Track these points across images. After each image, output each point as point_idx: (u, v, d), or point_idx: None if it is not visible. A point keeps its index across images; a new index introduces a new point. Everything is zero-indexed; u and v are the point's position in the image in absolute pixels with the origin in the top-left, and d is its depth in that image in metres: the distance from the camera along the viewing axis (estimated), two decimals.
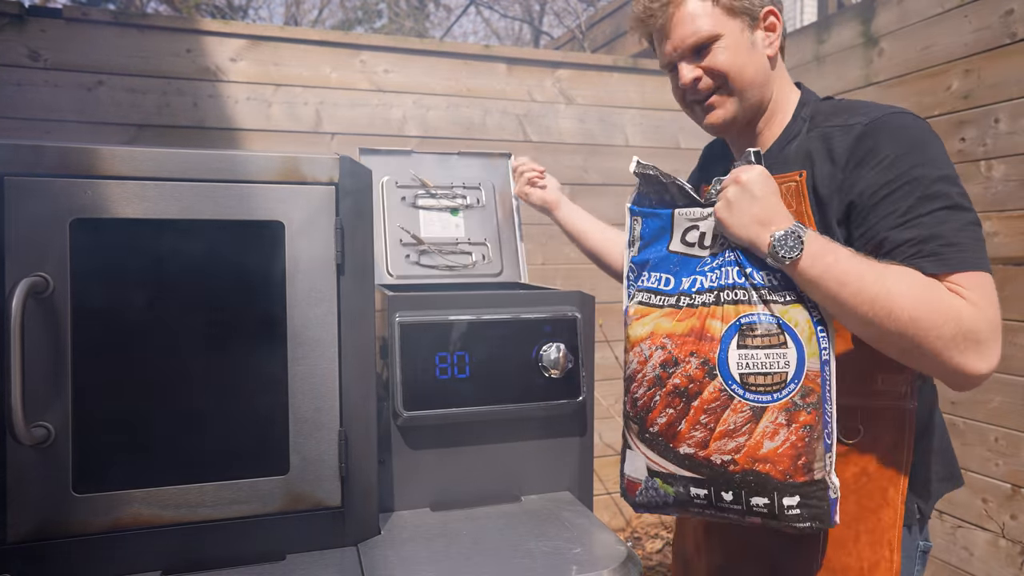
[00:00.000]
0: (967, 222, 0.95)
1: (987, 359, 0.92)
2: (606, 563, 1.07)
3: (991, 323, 0.92)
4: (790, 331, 0.95)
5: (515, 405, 1.28)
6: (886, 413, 1.01)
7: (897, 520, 1.00)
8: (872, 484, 1.02)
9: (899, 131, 0.99)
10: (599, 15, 5.01)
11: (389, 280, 1.61)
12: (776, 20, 1.11)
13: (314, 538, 1.10)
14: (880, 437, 1.01)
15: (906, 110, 1.04)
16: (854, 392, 1.01)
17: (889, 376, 1.01)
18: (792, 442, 0.94)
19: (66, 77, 2.37)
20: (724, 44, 1.08)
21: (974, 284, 0.93)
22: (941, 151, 1.00)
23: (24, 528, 0.97)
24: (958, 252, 0.93)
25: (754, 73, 1.09)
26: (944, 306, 0.90)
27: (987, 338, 0.91)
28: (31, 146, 0.97)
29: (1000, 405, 2.26)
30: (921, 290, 0.91)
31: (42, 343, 0.97)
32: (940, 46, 2.44)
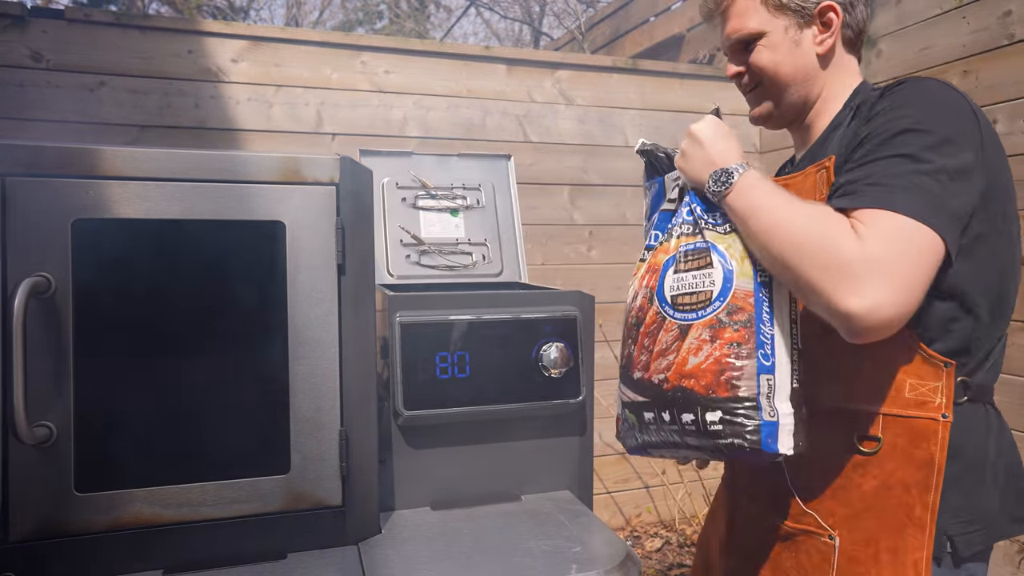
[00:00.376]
0: (916, 171, 0.88)
1: (860, 296, 0.83)
2: (605, 562, 1.08)
3: (870, 259, 0.84)
4: (718, 252, 0.98)
5: (515, 405, 1.29)
6: (914, 425, 0.93)
7: (926, 543, 0.91)
8: (895, 500, 0.94)
9: (909, 89, 0.97)
10: (599, 16, 5.02)
11: (390, 280, 1.62)
12: (835, 16, 1.06)
13: (315, 537, 1.10)
14: (906, 450, 0.93)
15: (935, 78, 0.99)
16: (876, 398, 0.95)
17: (920, 383, 0.93)
18: (716, 358, 0.94)
19: (68, 78, 2.38)
20: (766, 42, 1.08)
21: (873, 220, 0.86)
22: (942, 110, 0.93)
23: (26, 527, 0.97)
24: (876, 190, 0.88)
25: (792, 72, 1.08)
26: (828, 239, 0.86)
27: (861, 273, 0.83)
28: (33, 147, 0.98)
29: (998, 404, 2.26)
30: (814, 222, 0.88)
31: (44, 343, 0.97)
32: (938, 47, 2.45)
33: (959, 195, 0.89)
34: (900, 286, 0.84)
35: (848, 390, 0.99)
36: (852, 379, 0.98)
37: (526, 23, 9.58)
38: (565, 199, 2.99)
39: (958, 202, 0.89)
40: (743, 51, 1.11)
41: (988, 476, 0.96)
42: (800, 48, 1.07)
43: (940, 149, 0.89)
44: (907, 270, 0.84)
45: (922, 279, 0.86)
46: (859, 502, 0.96)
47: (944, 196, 0.87)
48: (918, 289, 0.85)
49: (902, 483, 0.94)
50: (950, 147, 0.89)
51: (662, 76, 3.17)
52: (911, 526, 0.92)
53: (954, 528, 0.93)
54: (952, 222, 0.88)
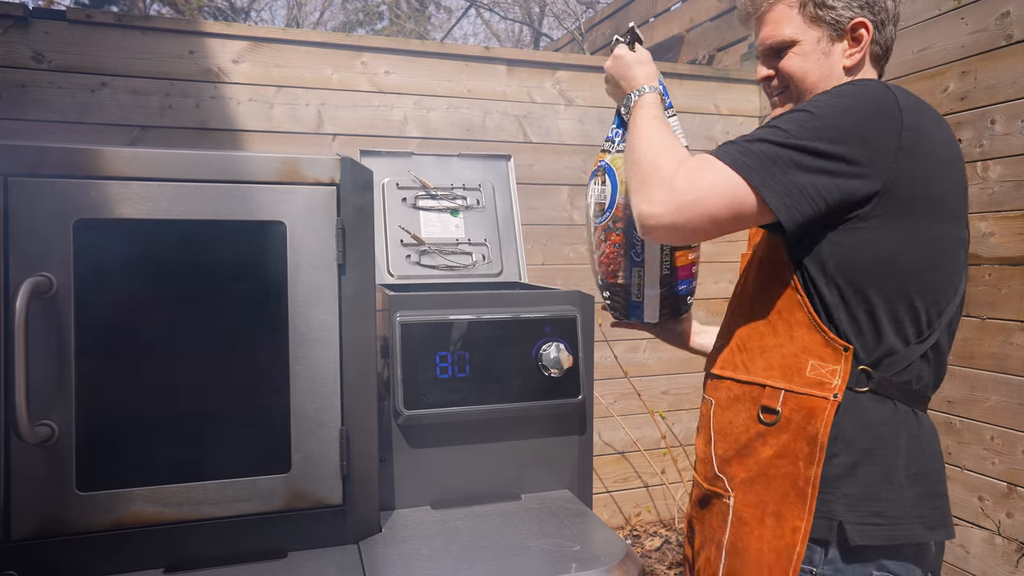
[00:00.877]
0: (763, 139, 0.98)
1: (643, 202, 1.01)
2: (605, 561, 1.08)
3: (664, 176, 1.00)
4: (610, 172, 1.27)
5: (515, 404, 1.29)
6: (809, 402, 1.01)
7: (806, 514, 0.98)
8: (784, 470, 1.02)
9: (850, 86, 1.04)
10: (598, 17, 5.02)
11: (390, 280, 1.62)
12: (865, 32, 1.11)
13: (315, 536, 1.11)
14: (800, 424, 1.01)
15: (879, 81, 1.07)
16: (782, 375, 1.04)
17: (820, 364, 1.01)
18: (607, 253, 1.28)
19: (69, 78, 2.38)
20: (798, 50, 1.13)
21: (694, 161, 1.01)
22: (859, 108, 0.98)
23: (28, 526, 0.98)
24: (720, 146, 1.02)
25: (818, 80, 1.12)
26: (654, 161, 1.03)
27: (652, 182, 1.01)
28: (35, 147, 0.98)
29: (996, 404, 2.27)
30: (659, 146, 1.06)
31: (46, 343, 0.98)
32: (937, 48, 2.45)
33: (815, 174, 0.96)
34: (681, 205, 0.98)
35: (761, 366, 1.07)
36: (766, 356, 1.06)
37: (526, 24, 9.59)
38: (565, 199, 2.99)
39: (807, 179, 0.96)
40: (774, 56, 1.16)
41: (899, 476, 0.99)
42: (829, 59, 1.12)
43: (819, 132, 0.96)
44: (694, 196, 0.98)
45: (710, 209, 0.97)
46: (756, 467, 1.04)
47: (786, 166, 0.96)
48: (703, 216, 0.98)
49: (792, 454, 1.01)
50: (834, 134, 0.96)
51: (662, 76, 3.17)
52: (794, 495, 1.00)
53: (847, 515, 0.97)
54: (784, 189, 0.96)
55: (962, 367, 2.38)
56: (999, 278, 2.26)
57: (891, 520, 0.98)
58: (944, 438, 2.45)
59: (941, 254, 1.02)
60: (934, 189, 1.00)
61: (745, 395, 1.08)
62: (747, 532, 1.03)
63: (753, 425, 1.06)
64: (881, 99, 0.99)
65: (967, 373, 2.36)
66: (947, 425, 2.44)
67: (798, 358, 1.02)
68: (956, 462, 2.41)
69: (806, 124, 0.97)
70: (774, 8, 1.14)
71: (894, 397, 1.01)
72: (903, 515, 0.98)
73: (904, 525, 0.98)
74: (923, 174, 0.99)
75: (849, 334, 1.00)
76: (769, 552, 1.01)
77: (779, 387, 1.03)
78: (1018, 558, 2.22)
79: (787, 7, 1.12)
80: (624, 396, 3.14)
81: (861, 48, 1.12)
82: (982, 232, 2.30)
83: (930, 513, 1.01)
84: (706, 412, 1.16)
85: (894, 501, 0.98)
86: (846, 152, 0.95)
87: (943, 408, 2.45)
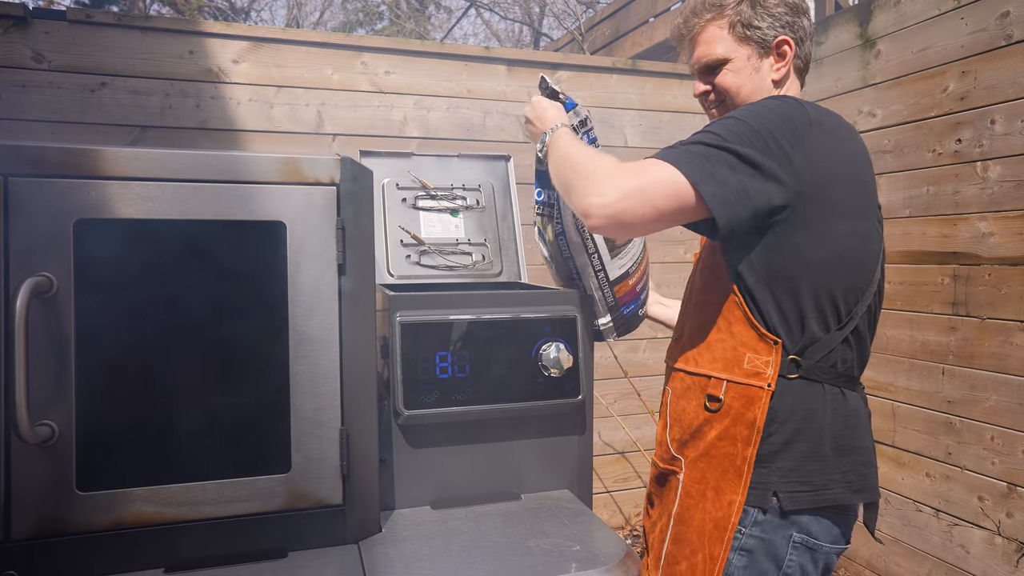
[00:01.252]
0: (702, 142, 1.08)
1: (588, 195, 1.08)
2: (605, 560, 1.08)
3: (606, 171, 1.09)
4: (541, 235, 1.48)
5: (515, 404, 1.29)
6: (748, 391, 1.13)
7: (741, 488, 1.12)
8: (725, 450, 1.14)
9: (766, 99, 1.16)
10: (598, 17, 5.02)
11: (390, 280, 1.62)
12: (788, 48, 1.24)
13: (315, 536, 1.11)
14: (739, 411, 1.14)
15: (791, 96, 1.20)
16: (725, 367, 1.16)
17: (756, 357, 1.14)
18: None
19: (70, 79, 2.38)
20: (731, 67, 1.25)
21: (637, 161, 1.10)
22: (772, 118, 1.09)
23: (28, 526, 0.98)
24: (661, 150, 1.11)
25: (750, 92, 1.24)
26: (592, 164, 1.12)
27: (596, 177, 1.09)
28: (36, 147, 0.98)
29: (996, 404, 2.27)
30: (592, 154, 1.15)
31: (46, 342, 0.98)
32: (937, 48, 2.45)
33: (745, 176, 1.06)
34: (627, 192, 1.05)
35: (708, 359, 1.19)
36: (711, 351, 1.19)
37: (526, 24, 9.59)
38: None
39: (738, 180, 1.05)
40: (709, 73, 1.28)
41: (825, 449, 1.13)
42: (759, 74, 1.25)
43: (746, 138, 1.06)
44: (638, 185, 1.06)
45: (654, 199, 1.05)
46: (702, 447, 1.17)
47: (720, 165, 1.05)
48: (647, 205, 1.06)
49: (732, 437, 1.14)
50: (758, 141, 1.07)
51: (661, 77, 3.17)
52: (732, 472, 1.14)
53: (780, 486, 1.12)
54: (719, 187, 1.05)
55: (962, 367, 2.38)
56: (999, 278, 2.26)
57: (816, 487, 1.12)
58: (944, 438, 2.45)
59: (852, 250, 1.14)
60: (839, 192, 1.12)
61: (695, 385, 1.21)
62: (692, 504, 1.17)
63: (701, 412, 1.19)
64: (795, 112, 1.11)
65: (967, 373, 2.36)
66: (947, 425, 2.44)
67: (737, 352, 1.15)
68: (956, 462, 2.41)
69: (735, 129, 1.08)
70: (705, 30, 1.26)
71: (822, 380, 1.14)
72: (828, 482, 1.12)
73: (828, 490, 1.12)
74: (829, 179, 1.11)
75: (779, 329, 1.13)
76: (709, 521, 1.15)
77: (722, 378, 1.16)
78: (1018, 558, 2.22)
79: (717, 28, 1.25)
80: (624, 396, 3.14)
81: (786, 63, 1.25)
82: (982, 232, 2.30)
83: (855, 479, 1.15)
84: (665, 400, 1.29)
85: (820, 471, 1.12)
86: (767, 159, 1.06)
87: (943, 408, 2.45)
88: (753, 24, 1.23)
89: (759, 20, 1.22)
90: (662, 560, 1.21)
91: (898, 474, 2.64)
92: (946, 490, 2.45)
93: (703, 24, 1.25)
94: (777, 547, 1.12)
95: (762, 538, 1.12)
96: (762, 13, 1.22)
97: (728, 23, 1.24)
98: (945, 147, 2.43)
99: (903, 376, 2.61)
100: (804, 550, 1.13)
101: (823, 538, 1.14)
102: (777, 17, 1.23)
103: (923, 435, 2.53)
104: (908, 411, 2.59)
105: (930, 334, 2.50)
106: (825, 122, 1.13)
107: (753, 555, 1.13)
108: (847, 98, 2.82)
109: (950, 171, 2.41)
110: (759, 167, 1.06)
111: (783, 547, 1.12)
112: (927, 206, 2.50)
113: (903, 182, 2.59)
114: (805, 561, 1.14)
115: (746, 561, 1.13)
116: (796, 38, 1.25)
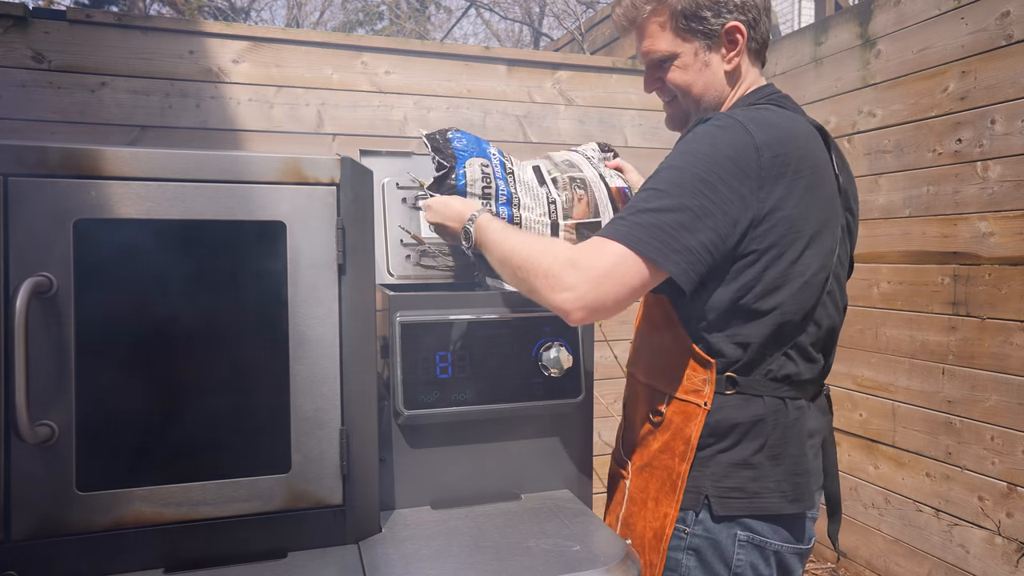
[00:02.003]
0: (651, 208, 1.02)
1: (557, 291, 1.04)
2: (605, 561, 1.08)
3: (563, 260, 1.04)
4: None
5: (515, 404, 1.29)
6: (687, 407, 1.14)
7: (675, 501, 1.13)
8: (665, 462, 1.16)
9: (697, 129, 1.08)
10: (598, 17, 5.02)
11: (390, 280, 1.62)
12: (740, 35, 1.15)
13: (315, 536, 1.11)
14: (679, 425, 1.14)
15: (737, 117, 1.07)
16: (669, 382, 1.16)
17: (694, 374, 1.13)
18: None
19: (70, 79, 2.38)
20: (679, 63, 1.17)
21: (588, 243, 1.06)
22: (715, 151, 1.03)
23: (28, 526, 0.98)
24: (609, 225, 1.06)
25: (703, 88, 1.18)
26: (543, 257, 1.07)
27: (556, 272, 1.04)
28: (35, 147, 0.98)
29: (996, 404, 2.27)
30: (536, 247, 1.10)
31: (46, 343, 0.98)
32: (937, 48, 2.45)
33: (700, 232, 1.01)
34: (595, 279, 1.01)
35: (656, 374, 1.19)
36: (660, 366, 1.18)
37: (526, 24, 9.59)
38: None
39: (695, 240, 1.01)
40: (658, 68, 1.20)
41: (759, 458, 1.12)
42: (710, 68, 1.17)
43: (691, 188, 1.01)
44: (604, 270, 1.01)
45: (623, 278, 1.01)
46: (647, 457, 1.20)
47: (674, 231, 1.01)
48: (619, 286, 1.01)
49: (671, 450, 1.15)
50: (704, 187, 1.01)
51: None
52: (668, 484, 1.15)
53: (711, 490, 1.12)
54: (679, 256, 1.01)
55: (962, 367, 2.38)
56: (999, 278, 2.26)
57: (749, 494, 1.11)
58: (944, 438, 2.45)
59: (799, 273, 1.08)
60: (795, 210, 1.05)
61: (643, 393, 1.23)
62: (635, 511, 1.20)
63: (647, 422, 1.20)
64: (738, 142, 1.03)
65: (967, 373, 2.36)
66: (947, 425, 2.44)
67: (678, 368, 1.14)
68: (956, 462, 2.41)
69: (680, 180, 1.02)
70: (647, 25, 1.17)
71: (761, 393, 1.12)
72: (761, 490, 1.11)
73: (763, 499, 1.11)
74: (782, 202, 1.05)
75: (715, 348, 1.11)
76: (648, 530, 1.17)
77: (665, 391, 1.17)
78: (1018, 558, 2.22)
79: (658, 25, 1.16)
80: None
81: (738, 51, 1.16)
82: (982, 232, 2.30)
83: (790, 489, 1.13)
84: (624, 401, 1.33)
85: (753, 479, 1.11)
86: (719, 204, 1.01)
87: (943, 408, 2.45)
88: (697, 15, 1.12)
89: (703, 10, 1.12)
90: None
91: (898, 474, 2.64)
92: (946, 490, 2.45)
93: (644, 16, 1.16)
94: (723, 546, 1.11)
95: (707, 537, 1.12)
96: (703, 2, 1.12)
97: (670, 14, 1.14)
98: (945, 147, 2.43)
99: (903, 376, 2.61)
100: (751, 548, 1.12)
101: (772, 536, 1.12)
102: (722, 4, 1.12)
103: (923, 435, 2.53)
104: (908, 411, 2.59)
105: (930, 334, 2.50)
106: (772, 138, 1.04)
107: (701, 554, 1.12)
108: (847, 98, 2.82)
109: (950, 171, 2.41)
110: (712, 215, 1.01)
111: (729, 546, 1.11)
112: (927, 206, 2.50)
113: (903, 182, 2.59)
114: (755, 559, 1.12)
115: (695, 561, 1.12)
116: (747, 20, 1.14)
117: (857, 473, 2.82)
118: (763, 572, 1.13)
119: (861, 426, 2.79)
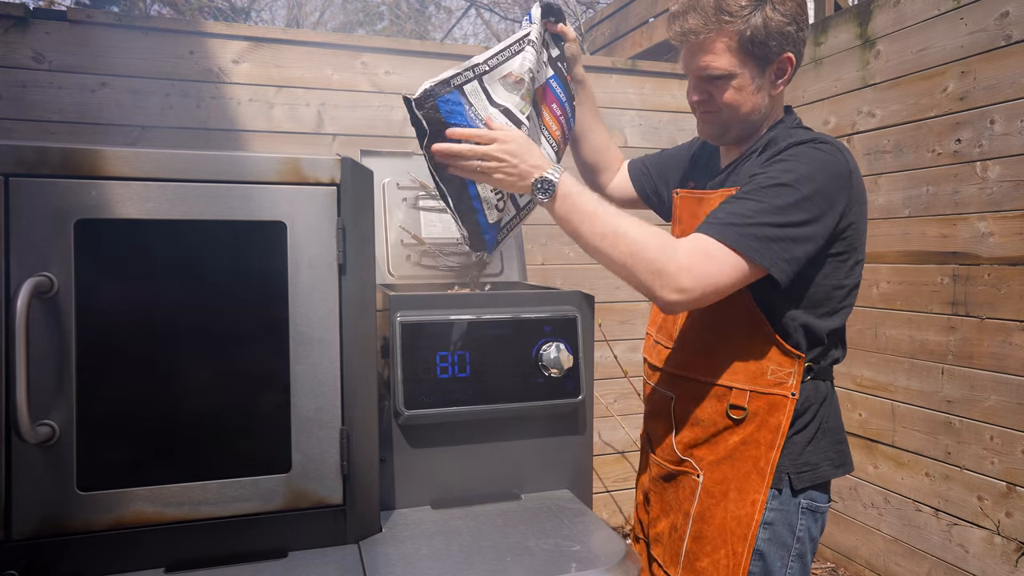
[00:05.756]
0: (758, 222, 1.11)
1: (668, 291, 1.12)
2: (605, 560, 1.08)
3: (677, 263, 1.11)
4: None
5: (515, 404, 1.29)
6: (772, 399, 1.22)
7: (764, 487, 1.22)
8: (748, 453, 1.23)
9: (799, 150, 1.17)
10: (598, 17, 5.02)
11: (390, 280, 1.62)
12: (790, 66, 1.23)
13: (316, 535, 1.11)
14: (764, 418, 1.22)
15: (832, 141, 1.20)
16: (747, 379, 1.23)
17: (779, 369, 1.22)
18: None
19: (70, 79, 2.38)
20: (736, 84, 1.21)
21: (694, 240, 1.14)
22: (820, 173, 1.14)
23: (29, 526, 0.98)
24: (713, 224, 1.14)
25: (751, 110, 1.25)
26: (653, 250, 1.12)
27: (671, 273, 1.11)
28: (36, 147, 0.98)
29: (995, 403, 2.27)
30: (645, 235, 1.13)
31: (47, 343, 0.98)
32: (936, 48, 2.45)
33: (805, 244, 1.14)
34: (704, 289, 1.11)
35: (728, 371, 1.25)
36: (732, 363, 1.25)
37: None
38: None
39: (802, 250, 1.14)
40: (710, 82, 1.24)
41: (818, 436, 1.26)
42: (760, 92, 1.24)
43: (800, 206, 1.12)
44: (713, 280, 1.11)
45: (723, 288, 1.13)
46: (723, 452, 1.25)
47: (786, 244, 1.12)
48: (718, 294, 1.13)
49: (756, 441, 1.23)
50: (811, 206, 1.13)
51: (661, 77, 3.17)
52: (755, 473, 1.23)
53: (791, 469, 1.24)
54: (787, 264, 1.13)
55: (962, 367, 2.38)
56: (999, 278, 2.26)
57: (812, 466, 1.25)
58: (944, 438, 2.45)
59: (860, 273, 1.27)
60: (860, 226, 1.23)
61: (711, 393, 1.27)
62: (713, 504, 1.25)
63: (721, 419, 1.25)
64: (839, 165, 1.17)
65: (967, 373, 2.37)
66: (947, 425, 2.44)
67: (760, 365, 1.22)
68: (956, 462, 2.42)
69: (792, 200, 1.12)
70: (713, 42, 1.20)
71: (825, 378, 1.28)
72: (820, 461, 1.26)
73: (821, 469, 1.26)
74: (860, 215, 1.22)
75: (802, 344, 1.22)
76: (731, 520, 1.23)
77: (745, 388, 1.23)
78: (1017, 558, 2.22)
79: (724, 44, 1.19)
80: (624, 396, 3.14)
81: (786, 79, 1.25)
82: (981, 232, 2.31)
83: (836, 456, 1.29)
84: (664, 404, 1.36)
85: (814, 452, 1.25)
86: (819, 219, 1.14)
87: (943, 408, 2.46)
88: (764, 43, 1.18)
89: (771, 39, 1.18)
90: (682, 557, 1.28)
91: (898, 474, 2.64)
92: (945, 490, 2.45)
93: (711, 34, 1.19)
94: (791, 516, 1.24)
95: (780, 510, 1.24)
96: (773, 31, 1.18)
97: (738, 37, 1.18)
98: (944, 147, 2.43)
99: (902, 376, 2.61)
100: (810, 514, 1.26)
101: (822, 501, 1.28)
102: (786, 36, 1.19)
103: (922, 435, 2.53)
104: (907, 411, 2.59)
105: (929, 334, 2.50)
106: (854, 163, 1.22)
107: (774, 528, 1.24)
108: (846, 98, 2.82)
109: (949, 171, 2.41)
110: (814, 227, 1.14)
111: (795, 515, 1.24)
112: (926, 206, 2.50)
113: (903, 182, 2.59)
114: (810, 523, 1.26)
115: (768, 534, 1.23)
116: (798, 52, 1.23)
117: (857, 473, 2.82)
118: (815, 533, 1.28)
119: (861, 426, 2.79)
